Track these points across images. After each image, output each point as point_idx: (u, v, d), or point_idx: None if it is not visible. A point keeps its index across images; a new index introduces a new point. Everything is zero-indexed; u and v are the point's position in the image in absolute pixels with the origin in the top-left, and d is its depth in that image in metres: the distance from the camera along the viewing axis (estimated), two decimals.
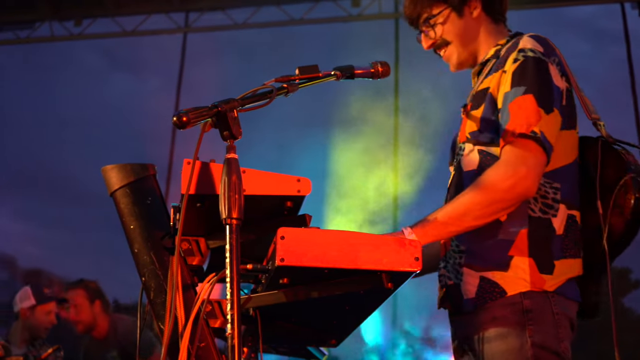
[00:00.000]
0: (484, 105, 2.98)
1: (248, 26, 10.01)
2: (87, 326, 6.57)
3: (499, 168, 2.82)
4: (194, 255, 2.61)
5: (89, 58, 39.02)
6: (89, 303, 6.52)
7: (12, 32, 10.61)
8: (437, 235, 2.82)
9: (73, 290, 6.63)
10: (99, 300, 6.57)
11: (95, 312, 6.54)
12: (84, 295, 6.55)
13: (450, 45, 3.24)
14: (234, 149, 2.23)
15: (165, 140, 10.35)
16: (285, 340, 3.13)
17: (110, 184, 2.66)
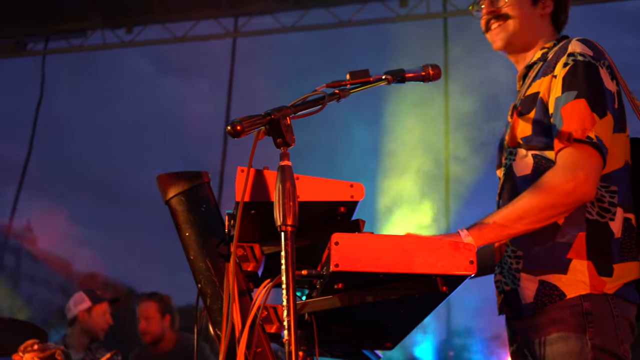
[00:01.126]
0: (535, 110, 2.96)
1: (296, 29, 10.04)
2: (155, 338, 6.63)
3: (557, 172, 2.81)
4: (249, 261, 2.63)
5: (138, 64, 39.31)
6: (160, 316, 6.59)
7: (65, 41, 10.78)
8: (494, 238, 2.82)
9: (146, 302, 6.70)
10: (170, 315, 6.64)
11: (164, 326, 6.61)
12: (156, 308, 6.62)
13: (509, 20, 3.19)
14: (287, 156, 2.25)
15: (217, 143, 10.41)
16: (340, 343, 3.13)
17: (165, 192, 2.69)
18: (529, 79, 3.13)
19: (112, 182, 73.47)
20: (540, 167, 2.93)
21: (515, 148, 3.05)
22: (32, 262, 69.60)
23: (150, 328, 6.59)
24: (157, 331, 6.60)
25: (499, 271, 3.07)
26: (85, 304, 6.45)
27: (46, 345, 4.69)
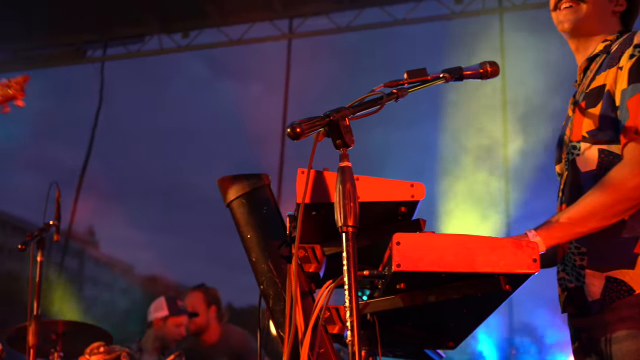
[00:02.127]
0: (601, 103, 2.91)
1: (351, 29, 10.03)
2: (199, 328, 6.69)
3: (624, 167, 2.76)
4: (311, 262, 2.64)
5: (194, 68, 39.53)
6: (206, 307, 6.64)
7: (123, 47, 10.95)
8: (563, 237, 2.78)
9: (192, 293, 6.77)
10: (215, 307, 6.68)
11: (209, 317, 6.65)
12: (202, 298, 6.67)
13: (583, 5, 3.11)
14: (347, 157, 2.25)
15: (275, 145, 10.46)
16: (401, 343, 3.13)
17: (226, 195, 2.71)
18: (592, 72, 3.08)
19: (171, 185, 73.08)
20: (606, 161, 2.88)
21: (579, 142, 3.00)
22: (95, 266, 70.85)
23: (195, 318, 6.63)
24: (201, 321, 6.65)
25: (562, 268, 3.03)
26: (162, 312, 6.52)
27: (111, 347, 4.78)
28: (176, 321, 6.52)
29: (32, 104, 2.95)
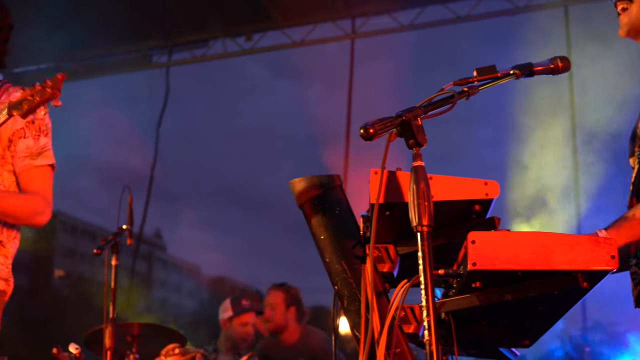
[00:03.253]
0: None
1: (414, 27, 9.98)
2: (277, 327, 6.64)
3: None
4: (384, 262, 2.65)
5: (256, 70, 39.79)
6: (285, 307, 6.60)
7: (188, 52, 11.08)
8: (633, 237, 2.74)
9: (273, 291, 6.72)
10: (295, 307, 6.63)
11: (288, 317, 6.61)
12: (282, 298, 6.62)
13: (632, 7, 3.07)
14: (420, 157, 2.25)
15: (339, 143, 10.47)
16: (477, 342, 3.12)
17: (298, 196, 2.74)
18: None
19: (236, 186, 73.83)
20: None
21: None
22: (163, 268, 71.83)
23: (274, 317, 6.60)
24: (280, 321, 6.61)
25: (634, 263, 2.99)
26: (227, 313, 6.57)
27: (186, 349, 4.83)
28: (241, 320, 6.55)
29: (100, 110, 3.01)
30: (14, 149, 3.26)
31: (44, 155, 3.31)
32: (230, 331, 6.53)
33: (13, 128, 3.26)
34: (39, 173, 3.30)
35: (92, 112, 14.69)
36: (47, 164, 3.32)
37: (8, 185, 3.24)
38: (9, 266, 3.27)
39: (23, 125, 3.25)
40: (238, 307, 6.53)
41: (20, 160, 3.25)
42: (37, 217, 3.25)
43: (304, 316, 6.70)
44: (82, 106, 11.99)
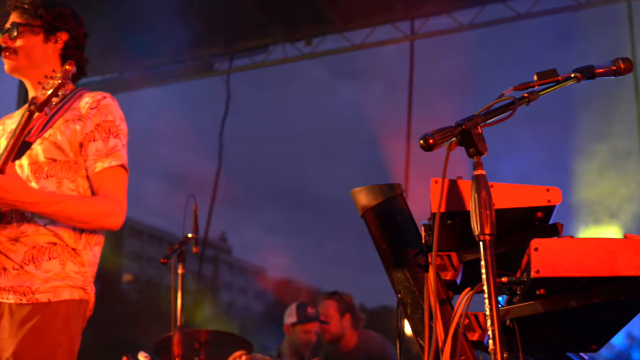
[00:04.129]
0: None
1: (474, 27, 9.90)
2: (334, 337, 6.65)
3: None
4: (447, 270, 2.65)
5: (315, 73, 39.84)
6: (339, 315, 6.61)
7: (248, 58, 11.15)
8: None
9: (326, 301, 6.75)
10: (349, 315, 6.63)
11: (343, 326, 6.61)
12: (335, 307, 6.64)
13: None
14: (481, 165, 2.25)
15: (400, 144, 10.43)
16: (542, 347, 3.09)
17: (360, 205, 2.76)
18: None
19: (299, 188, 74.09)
20: None
21: None
22: (229, 271, 72.49)
23: (329, 327, 6.62)
24: (336, 330, 6.62)
25: None
26: (291, 319, 6.60)
27: (253, 356, 4.88)
28: (304, 328, 6.57)
29: (164, 116, 3.06)
30: (85, 153, 3.28)
31: (114, 156, 3.30)
32: (293, 337, 6.57)
33: (83, 132, 3.28)
34: (109, 174, 3.29)
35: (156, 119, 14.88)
36: (117, 165, 3.30)
37: (83, 191, 3.27)
38: (85, 274, 3.28)
39: (92, 128, 3.28)
40: (303, 315, 6.55)
41: (91, 163, 3.27)
42: (107, 219, 3.25)
43: (360, 322, 6.72)
44: (146, 114, 12.16)
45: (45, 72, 3.34)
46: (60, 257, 3.22)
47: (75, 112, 3.34)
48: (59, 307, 3.17)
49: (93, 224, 3.25)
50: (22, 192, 3.02)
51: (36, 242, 3.20)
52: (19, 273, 3.17)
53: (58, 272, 3.20)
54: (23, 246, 3.19)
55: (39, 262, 3.18)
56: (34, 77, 3.44)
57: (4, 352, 3.08)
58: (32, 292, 3.14)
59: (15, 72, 3.46)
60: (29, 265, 3.17)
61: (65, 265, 3.22)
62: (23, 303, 3.13)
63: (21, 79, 3.51)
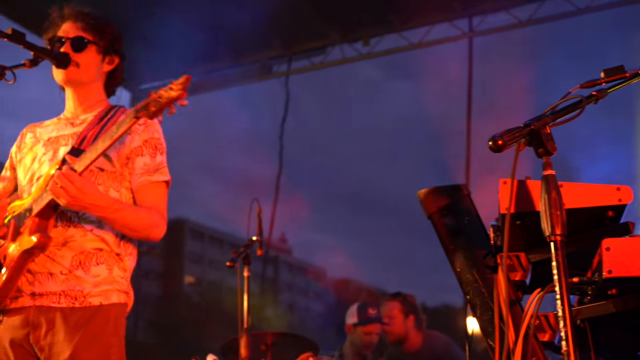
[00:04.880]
0: None
1: (533, 22, 9.79)
2: (398, 338, 6.61)
3: None
4: (516, 270, 2.63)
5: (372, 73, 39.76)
6: (403, 317, 6.57)
7: (306, 60, 11.18)
8: None
9: (389, 302, 6.71)
10: (413, 315, 6.58)
11: (407, 327, 6.57)
12: (399, 308, 6.60)
13: None
14: (550, 165, 2.23)
15: (460, 142, 10.37)
16: (612, 347, 3.06)
17: (426, 207, 2.76)
18: None
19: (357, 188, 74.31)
20: None
21: None
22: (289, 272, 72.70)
23: (393, 328, 6.58)
24: (400, 331, 6.57)
25: None
26: (352, 319, 6.59)
27: (320, 358, 4.90)
28: (365, 329, 6.55)
29: (225, 119, 3.10)
30: (132, 166, 3.38)
31: (161, 172, 3.41)
32: (354, 337, 6.55)
33: (131, 146, 3.38)
34: (155, 189, 3.40)
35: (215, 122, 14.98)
36: (163, 180, 3.42)
37: (125, 201, 3.36)
38: (128, 279, 3.40)
39: (140, 143, 3.37)
40: (364, 316, 6.54)
41: (137, 176, 3.36)
42: (154, 230, 3.35)
43: (423, 322, 6.67)
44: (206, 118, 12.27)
45: (92, 89, 3.55)
46: (107, 262, 3.32)
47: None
48: (110, 310, 3.28)
49: (142, 233, 3.35)
50: (96, 196, 3.11)
51: (83, 247, 3.28)
52: (67, 278, 3.25)
53: (106, 276, 3.30)
54: (70, 251, 3.27)
55: (88, 267, 3.27)
56: (83, 91, 3.54)
57: (59, 355, 3.16)
58: (84, 296, 3.24)
59: (69, 84, 3.52)
60: (77, 269, 3.26)
61: (112, 270, 3.33)
62: (76, 307, 3.22)
63: (71, 90, 3.56)
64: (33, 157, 3.50)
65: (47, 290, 3.24)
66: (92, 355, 3.18)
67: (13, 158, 3.63)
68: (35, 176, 3.43)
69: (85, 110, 3.55)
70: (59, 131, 3.52)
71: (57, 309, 3.22)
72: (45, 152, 3.47)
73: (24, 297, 3.26)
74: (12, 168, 3.62)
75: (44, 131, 3.59)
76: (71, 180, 3.01)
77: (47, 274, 3.26)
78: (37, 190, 3.29)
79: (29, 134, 3.63)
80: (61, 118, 3.60)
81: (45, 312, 3.22)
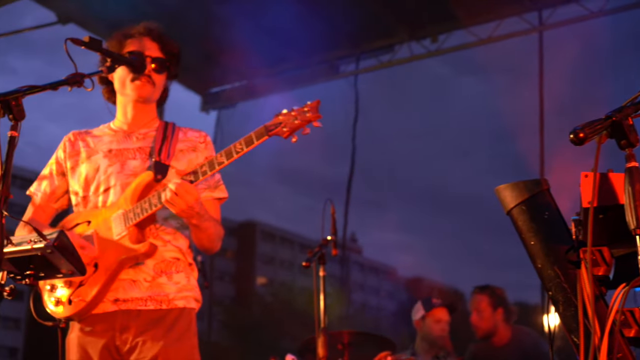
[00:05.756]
0: None
1: (605, 13, 9.62)
2: (486, 332, 6.49)
3: None
4: (599, 265, 2.58)
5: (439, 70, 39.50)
6: (491, 310, 6.45)
7: (374, 59, 11.17)
8: None
9: (477, 295, 6.60)
10: (502, 309, 6.47)
11: (496, 319, 6.46)
12: (487, 301, 6.48)
13: None
14: (633, 157, 2.19)
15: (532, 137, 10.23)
16: None
17: (505, 203, 2.72)
18: None
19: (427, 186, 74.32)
20: None
21: None
22: (360, 271, 72.84)
23: (481, 322, 6.47)
24: (488, 325, 6.46)
25: None
26: (419, 313, 6.54)
27: (398, 356, 4.89)
28: (434, 317, 6.47)
29: None
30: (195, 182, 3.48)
31: (220, 189, 3.61)
32: (425, 330, 6.46)
33: (195, 162, 3.51)
34: (216, 204, 3.59)
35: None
36: (222, 197, 3.62)
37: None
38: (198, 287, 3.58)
39: (202, 160, 3.46)
40: (428, 304, 6.49)
41: (199, 191, 3.43)
42: (219, 242, 3.54)
43: (512, 316, 6.53)
44: None
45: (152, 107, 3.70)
46: (185, 271, 3.50)
47: (188, 144, 3.63)
48: (191, 313, 3.47)
49: (214, 243, 3.52)
50: (202, 206, 3.30)
51: (163, 256, 3.44)
52: (151, 285, 3.39)
53: (185, 284, 3.47)
54: (152, 260, 3.41)
55: (170, 275, 3.44)
56: (147, 108, 3.67)
57: (149, 352, 3.29)
58: (169, 300, 3.39)
59: (145, 100, 3.63)
60: (161, 277, 3.42)
61: (189, 278, 3.51)
62: (163, 308, 3.37)
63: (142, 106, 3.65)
64: (94, 167, 3.58)
65: (132, 296, 3.37)
66: (179, 354, 3.33)
67: (62, 164, 3.69)
68: (101, 187, 3.53)
69: (144, 125, 3.67)
70: (119, 143, 3.62)
71: (144, 311, 3.35)
72: (111, 163, 3.56)
73: (105, 302, 3.37)
74: (61, 174, 3.69)
75: (98, 141, 3.67)
76: (189, 191, 3.16)
77: (129, 281, 3.38)
78: (126, 201, 3.40)
79: (80, 142, 3.70)
80: (115, 130, 3.70)
81: (132, 315, 3.35)
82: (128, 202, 3.38)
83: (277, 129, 3.11)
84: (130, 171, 3.50)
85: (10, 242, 2.71)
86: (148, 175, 3.40)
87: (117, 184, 3.49)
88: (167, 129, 3.62)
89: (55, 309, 3.42)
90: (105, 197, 3.50)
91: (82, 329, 3.41)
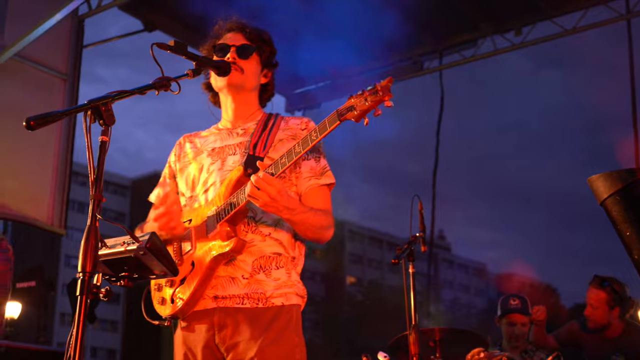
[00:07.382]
0: None
1: None
2: (599, 325, 6.38)
3: None
4: None
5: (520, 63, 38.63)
6: (608, 309, 6.33)
7: (458, 54, 11.10)
8: None
9: (596, 290, 6.41)
10: (619, 308, 6.34)
11: (611, 316, 6.33)
12: (605, 299, 6.28)
13: None
14: None
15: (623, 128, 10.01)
16: None
17: (598, 193, 2.68)
18: None
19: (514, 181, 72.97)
20: None
21: None
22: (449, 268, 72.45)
23: (595, 316, 6.37)
24: (602, 321, 6.34)
25: None
26: (498, 312, 6.54)
27: (491, 353, 4.84)
28: (508, 320, 6.45)
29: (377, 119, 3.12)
30: (299, 170, 3.46)
31: (327, 175, 3.49)
32: (502, 330, 6.48)
33: None
34: (323, 192, 3.48)
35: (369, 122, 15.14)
36: (330, 183, 3.50)
37: None
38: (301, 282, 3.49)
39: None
40: (505, 307, 6.45)
41: (305, 180, 3.43)
42: (327, 232, 3.41)
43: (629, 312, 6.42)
44: None
45: (250, 98, 3.66)
46: (286, 267, 3.42)
47: (288, 132, 3.54)
48: (291, 310, 3.39)
49: (318, 234, 3.40)
50: (289, 198, 3.18)
51: (263, 251, 3.39)
52: (249, 282, 3.35)
53: (285, 280, 3.40)
54: (250, 256, 3.37)
55: (269, 271, 3.38)
56: (242, 99, 3.64)
57: (246, 353, 3.26)
58: (267, 298, 3.34)
59: (233, 87, 3.60)
60: (259, 273, 3.36)
61: (290, 274, 3.44)
62: (260, 307, 3.32)
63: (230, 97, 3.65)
64: (199, 167, 3.62)
65: (230, 293, 3.35)
66: (277, 353, 3.27)
67: (172, 167, 3.76)
68: (205, 186, 3.55)
69: (245, 120, 3.66)
70: (222, 141, 3.63)
71: (242, 309, 3.33)
72: (213, 161, 3.57)
73: (206, 299, 3.38)
74: (172, 176, 3.75)
75: (204, 141, 3.71)
76: (270, 183, 3.07)
77: (228, 278, 3.37)
78: (220, 198, 3.40)
79: (188, 144, 3.76)
80: (220, 128, 3.72)
81: (230, 313, 3.34)
82: (221, 199, 3.37)
83: (349, 113, 2.99)
84: (229, 167, 3.49)
85: (104, 245, 2.74)
86: (239, 171, 3.37)
87: (216, 181, 3.50)
88: (268, 120, 3.60)
89: (160, 308, 3.48)
90: (207, 195, 3.51)
91: (186, 326, 3.44)
